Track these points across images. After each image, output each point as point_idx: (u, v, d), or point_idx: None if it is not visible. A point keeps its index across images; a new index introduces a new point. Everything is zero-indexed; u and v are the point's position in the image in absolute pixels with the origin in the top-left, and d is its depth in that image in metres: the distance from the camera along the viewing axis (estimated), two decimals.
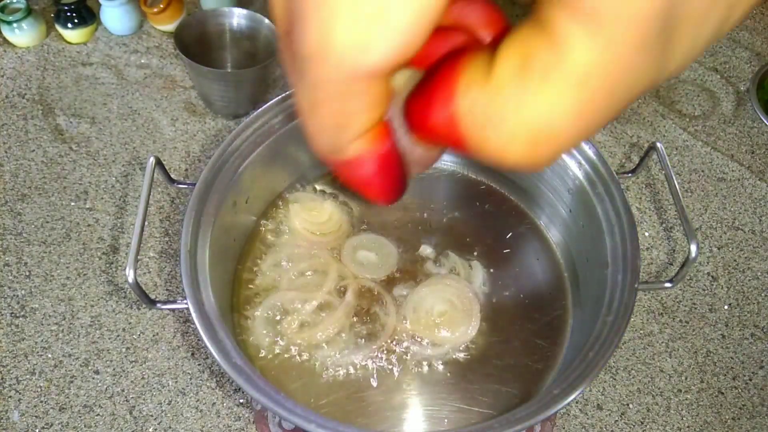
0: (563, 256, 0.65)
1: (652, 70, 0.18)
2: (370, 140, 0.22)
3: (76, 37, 0.98)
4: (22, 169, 0.84)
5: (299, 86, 0.21)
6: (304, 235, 0.62)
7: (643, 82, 0.18)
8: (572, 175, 0.59)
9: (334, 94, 0.19)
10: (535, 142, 0.19)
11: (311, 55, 0.18)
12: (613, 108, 0.18)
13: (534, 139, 0.19)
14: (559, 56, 0.17)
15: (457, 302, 0.58)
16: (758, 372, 0.75)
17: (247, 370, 0.45)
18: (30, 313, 0.72)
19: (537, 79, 0.18)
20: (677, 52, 0.18)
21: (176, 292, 0.75)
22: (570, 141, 0.19)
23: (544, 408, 0.44)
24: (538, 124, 0.18)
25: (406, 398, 0.55)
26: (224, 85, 0.85)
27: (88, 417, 0.66)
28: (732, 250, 0.85)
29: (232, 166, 0.56)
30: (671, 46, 0.17)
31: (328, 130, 0.22)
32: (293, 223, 0.63)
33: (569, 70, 0.17)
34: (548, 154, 0.19)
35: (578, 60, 0.17)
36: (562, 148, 0.19)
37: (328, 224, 0.63)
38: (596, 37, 0.16)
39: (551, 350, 0.58)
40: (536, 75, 0.18)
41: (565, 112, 0.18)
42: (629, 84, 0.18)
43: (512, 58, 0.18)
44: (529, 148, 0.19)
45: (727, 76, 1.06)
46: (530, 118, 0.18)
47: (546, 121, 0.18)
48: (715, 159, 0.94)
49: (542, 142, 0.19)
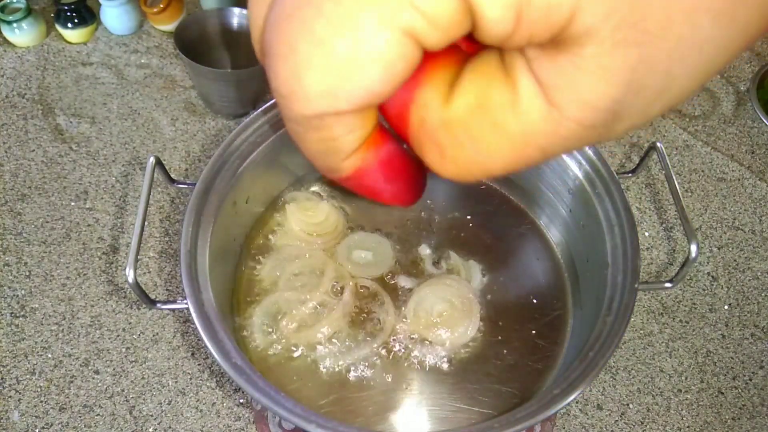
0: (563, 256, 0.65)
1: (592, 139, 0.19)
2: (364, 151, 0.22)
3: (76, 37, 0.98)
4: (22, 169, 0.84)
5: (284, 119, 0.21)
6: (300, 235, 0.62)
7: (580, 145, 0.19)
8: (572, 175, 0.59)
9: (312, 128, 0.20)
10: (468, 170, 0.21)
11: (282, 95, 0.19)
12: (544, 159, 0.20)
13: (467, 168, 0.21)
14: (513, 114, 0.18)
15: (457, 302, 0.58)
16: (758, 372, 0.75)
17: (247, 370, 0.45)
18: (30, 313, 0.72)
19: (486, 126, 0.19)
20: (619, 129, 0.19)
21: (176, 292, 0.75)
22: (495, 176, 0.21)
23: (544, 408, 0.44)
24: (475, 161, 0.20)
25: (406, 398, 0.55)
26: (224, 85, 0.85)
27: (88, 417, 0.66)
28: (732, 250, 0.85)
29: (232, 166, 0.56)
30: (615, 126, 0.18)
31: (319, 156, 0.22)
32: (290, 223, 0.63)
33: (518, 129, 0.19)
34: (473, 180, 0.21)
35: (529, 124, 0.18)
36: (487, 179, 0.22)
37: (325, 224, 0.63)
38: (551, 111, 0.18)
39: (551, 350, 0.58)
40: (487, 122, 0.19)
41: (501, 159, 0.20)
42: (566, 147, 0.19)
43: (470, 94, 0.20)
44: (460, 173, 0.21)
45: (727, 76, 1.06)
46: (469, 156, 0.20)
47: (482, 161, 0.20)
48: (715, 159, 0.94)
49: (472, 173, 0.21)
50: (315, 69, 0.17)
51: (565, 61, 0.17)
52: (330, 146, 0.21)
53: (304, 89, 0.18)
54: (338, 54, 0.17)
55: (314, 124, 0.19)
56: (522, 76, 0.18)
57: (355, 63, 0.17)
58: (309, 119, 0.19)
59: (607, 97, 0.17)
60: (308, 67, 0.18)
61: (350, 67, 0.17)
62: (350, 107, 0.18)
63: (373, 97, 0.18)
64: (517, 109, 0.18)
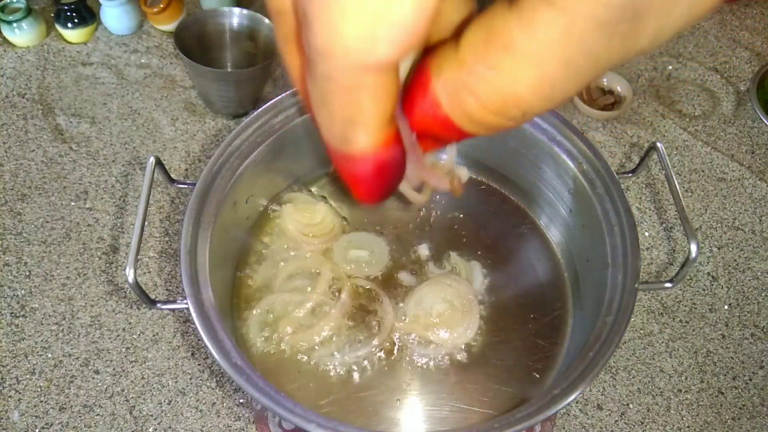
0: (563, 256, 0.65)
1: (616, 48, 0.18)
2: (380, 142, 0.22)
3: (76, 36, 0.98)
4: (22, 169, 0.84)
5: (309, 79, 0.21)
6: (296, 236, 0.62)
7: (607, 58, 0.19)
8: (572, 175, 0.59)
9: (344, 87, 0.20)
10: (505, 106, 0.20)
11: (320, 51, 0.19)
12: (576, 80, 0.19)
13: (503, 104, 0.20)
14: (522, 30, 0.18)
15: (457, 302, 0.58)
16: (758, 372, 0.75)
17: (247, 370, 0.45)
18: (30, 313, 0.72)
19: (500, 52, 0.19)
20: (645, 32, 0.18)
21: (176, 292, 0.75)
22: (536, 107, 0.20)
23: (544, 408, 0.44)
24: (504, 92, 0.20)
25: (406, 398, 0.55)
26: (224, 85, 0.85)
27: (88, 417, 0.66)
28: (732, 250, 0.85)
29: (232, 166, 0.56)
30: (638, 27, 0.18)
31: (338, 122, 0.22)
32: (286, 225, 0.63)
33: (531, 44, 0.18)
34: (519, 115, 0.21)
35: (540, 35, 0.18)
36: (532, 112, 0.21)
37: (321, 226, 0.63)
38: (560, 16, 0.17)
39: (551, 350, 0.58)
40: (500, 48, 0.19)
41: (527, 82, 0.19)
42: (592, 59, 0.18)
43: (478, 33, 0.19)
44: (501, 112, 0.20)
45: (727, 76, 1.06)
46: (496, 87, 0.20)
47: (510, 90, 0.19)
48: (715, 159, 0.94)
49: (511, 107, 0.20)
50: (350, 14, 0.17)
51: None
52: (352, 114, 0.21)
53: (341, 39, 0.18)
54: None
55: (348, 83, 0.19)
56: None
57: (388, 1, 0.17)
58: (346, 74, 0.19)
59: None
60: (344, 14, 0.17)
61: (383, 5, 0.17)
62: (390, 51, 0.18)
63: (409, 34, 0.18)
64: (524, 24, 0.18)
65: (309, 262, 0.61)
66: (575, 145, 0.58)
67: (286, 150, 0.61)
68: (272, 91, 0.95)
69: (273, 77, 0.96)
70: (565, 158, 0.59)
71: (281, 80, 0.96)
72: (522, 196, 0.68)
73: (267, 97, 0.93)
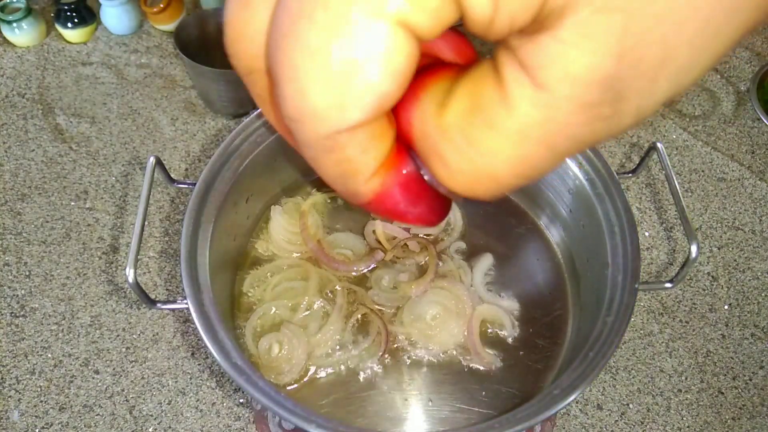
0: (563, 256, 0.65)
1: (600, 129, 0.18)
2: (383, 173, 0.21)
3: (76, 36, 0.98)
4: (22, 168, 0.84)
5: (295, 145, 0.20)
6: (282, 245, 0.62)
7: (591, 139, 0.18)
8: (572, 175, 0.59)
9: (326, 150, 0.19)
10: (476, 180, 0.19)
11: (292, 118, 0.18)
12: (556, 160, 0.19)
13: (475, 177, 0.19)
14: (505, 108, 0.18)
15: (451, 305, 0.58)
16: (758, 372, 0.75)
17: (247, 370, 0.45)
18: (30, 313, 0.72)
19: (481, 127, 0.18)
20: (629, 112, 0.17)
21: (176, 292, 0.75)
22: (510, 184, 0.19)
23: (544, 408, 0.44)
24: (479, 167, 0.19)
25: (406, 398, 0.55)
26: (224, 85, 0.85)
27: (88, 417, 0.66)
28: (732, 250, 0.85)
29: (232, 166, 0.56)
30: (621, 108, 0.17)
31: (338, 181, 0.21)
32: (273, 233, 0.63)
33: (512, 123, 0.18)
34: (489, 192, 0.20)
35: (522, 115, 0.17)
36: (504, 189, 0.20)
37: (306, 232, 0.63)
38: (540, 95, 0.17)
39: (551, 350, 0.58)
40: (481, 122, 0.18)
41: (504, 160, 0.18)
42: (575, 141, 0.18)
43: (464, 99, 0.19)
44: (469, 184, 0.20)
45: (727, 76, 1.06)
46: (472, 161, 0.19)
47: (486, 165, 0.19)
48: (715, 159, 0.94)
49: (482, 182, 0.19)
50: (317, 82, 0.17)
51: (547, 38, 0.16)
52: (347, 169, 0.20)
53: (311, 107, 0.17)
54: (336, 59, 0.16)
55: (328, 145, 0.19)
56: (508, 67, 0.17)
57: (354, 65, 0.17)
58: (322, 140, 0.18)
59: (598, 70, 0.16)
60: (311, 82, 0.17)
61: (351, 71, 0.17)
62: (361, 116, 0.18)
63: (380, 99, 0.17)
64: (507, 102, 0.17)
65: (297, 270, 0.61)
66: None
67: (286, 150, 0.61)
68: None
69: None
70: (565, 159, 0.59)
71: None
72: (522, 196, 0.68)
73: None
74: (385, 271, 0.61)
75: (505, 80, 0.17)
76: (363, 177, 0.21)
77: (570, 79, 0.16)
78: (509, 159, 0.18)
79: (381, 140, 0.20)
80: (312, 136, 0.18)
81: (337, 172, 0.20)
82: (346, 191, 0.22)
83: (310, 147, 0.19)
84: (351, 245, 0.63)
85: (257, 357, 0.56)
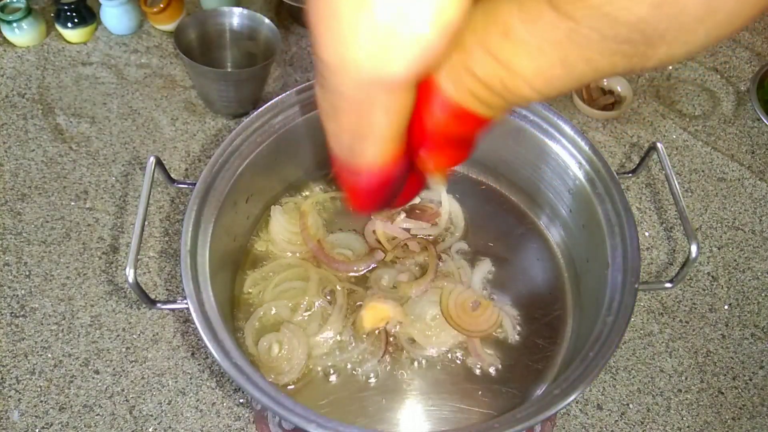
0: (563, 256, 0.65)
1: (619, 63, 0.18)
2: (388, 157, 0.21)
3: (76, 36, 0.98)
4: (22, 168, 0.84)
5: (320, 90, 0.20)
6: (283, 245, 0.62)
7: (608, 69, 0.18)
8: (572, 175, 0.59)
9: (354, 104, 0.19)
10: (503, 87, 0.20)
11: (329, 65, 0.18)
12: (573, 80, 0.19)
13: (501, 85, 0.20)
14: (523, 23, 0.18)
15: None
16: (758, 372, 0.75)
17: (247, 370, 0.45)
18: (30, 313, 0.72)
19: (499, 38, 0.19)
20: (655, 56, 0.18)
21: (176, 292, 0.75)
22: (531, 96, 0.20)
23: (544, 408, 0.44)
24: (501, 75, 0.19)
25: (406, 398, 0.55)
26: (224, 85, 0.85)
27: (88, 417, 0.66)
28: (732, 250, 0.85)
29: (232, 166, 0.56)
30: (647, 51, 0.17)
31: (346, 135, 0.21)
32: (273, 233, 0.63)
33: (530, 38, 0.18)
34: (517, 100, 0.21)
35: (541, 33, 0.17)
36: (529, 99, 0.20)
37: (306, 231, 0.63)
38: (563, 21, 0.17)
39: (551, 350, 0.58)
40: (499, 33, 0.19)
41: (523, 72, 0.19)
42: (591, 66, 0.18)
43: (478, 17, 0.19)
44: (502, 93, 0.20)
45: (727, 76, 1.06)
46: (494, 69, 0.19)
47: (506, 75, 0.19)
48: (715, 159, 0.94)
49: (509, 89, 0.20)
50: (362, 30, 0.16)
51: None
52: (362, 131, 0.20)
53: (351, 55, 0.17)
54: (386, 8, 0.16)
55: (361, 98, 0.18)
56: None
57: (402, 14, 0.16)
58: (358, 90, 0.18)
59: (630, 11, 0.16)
60: (354, 30, 0.16)
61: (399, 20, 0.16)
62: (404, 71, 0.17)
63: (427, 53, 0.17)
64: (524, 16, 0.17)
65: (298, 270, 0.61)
66: (575, 145, 0.58)
67: (287, 150, 0.61)
68: (272, 91, 0.95)
69: (273, 77, 0.96)
70: (565, 158, 0.59)
71: (281, 80, 0.96)
72: (522, 196, 0.68)
73: (267, 97, 0.93)
74: (385, 271, 0.61)
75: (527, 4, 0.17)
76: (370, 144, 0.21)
77: (598, 15, 0.16)
78: (527, 70, 0.19)
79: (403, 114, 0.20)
80: (348, 85, 0.18)
81: (352, 129, 0.20)
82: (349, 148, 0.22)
83: (341, 96, 0.19)
84: (351, 245, 0.63)
85: (257, 357, 0.56)
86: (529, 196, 0.67)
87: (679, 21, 0.16)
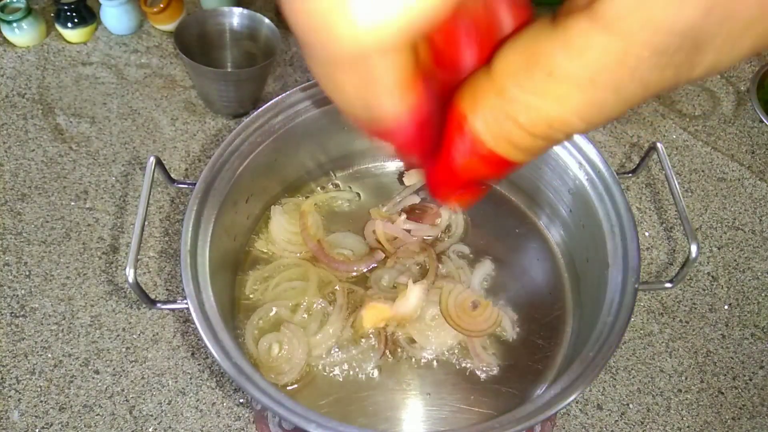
0: (563, 256, 0.65)
1: (669, 77, 0.18)
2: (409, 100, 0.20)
3: (76, 36, 0.98)
4: (22, 168, 0.84)
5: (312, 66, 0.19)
6: (283, 245, 0.62)
7: (658, 85, 0.18)
8: (572, 176, 0.59)
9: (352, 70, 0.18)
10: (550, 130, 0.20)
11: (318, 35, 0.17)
12: (624, 105, 0.19)
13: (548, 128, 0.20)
14: (569, 57, 0.17)
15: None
16: (758, 372, 0.75)
17: (247, 370, 0.45)
18: (30, 313, 0.72)
19: (544, 78, 0.18)
20: (702, 64, 0.17)
21: (176, 292, 0.75)
22: (581, 129, 0.20)
23: (544, 408, 0.44)
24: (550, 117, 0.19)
25: (406, 398, 0.55)
26: (224, 85, 0.85)
27: (88, 417, 0.66)
28: (732, 250, 0.85)
29: (232, 166, 0.56)
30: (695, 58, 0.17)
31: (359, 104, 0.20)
32: (273, 233, 0.63)
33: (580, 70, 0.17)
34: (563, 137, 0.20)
35: (591, 62, 0.17)
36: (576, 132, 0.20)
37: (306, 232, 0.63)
38: (615, 42, 0.17)
39: (551, 350, 0.58)
40: (544, 74, 0.18)
41: (573, 107, 0.19)
42: (642, 86, 0.18)
43: (515, 58, 0.19)
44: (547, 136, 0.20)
45: (727, 76, 1.06)
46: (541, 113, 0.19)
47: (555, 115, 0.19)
48: (715, 159, 0.94)
49: (556, 130, 0.20)
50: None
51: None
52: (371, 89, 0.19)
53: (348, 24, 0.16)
54: None
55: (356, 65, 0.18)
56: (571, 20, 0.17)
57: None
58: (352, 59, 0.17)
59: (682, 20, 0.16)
60: None
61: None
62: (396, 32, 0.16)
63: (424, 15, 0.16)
64: (570, 48, 0.17)
65: (298, 270, 0.61)
66: (575, 145, 0.58)
67: (287, 150, 0.61)
68: (272, 91, 0.95)
69: (273, 77, 0.96)
70: (565, 158, 0.59)
71: (281, 80, 0.96)
72: (522, 196, 0.68)
73: (267, 97, 0.93)
74: (385, 271, 0.61)
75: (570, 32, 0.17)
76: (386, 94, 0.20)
77: (651, 27, 0.16)
78: (578, 105, 0.18)
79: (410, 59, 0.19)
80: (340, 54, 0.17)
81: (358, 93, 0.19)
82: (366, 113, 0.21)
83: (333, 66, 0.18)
84: (351, 245, 0.63)
85: (257, 357, 0.56)
86: (529, 196, 0.67)
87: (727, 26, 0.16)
